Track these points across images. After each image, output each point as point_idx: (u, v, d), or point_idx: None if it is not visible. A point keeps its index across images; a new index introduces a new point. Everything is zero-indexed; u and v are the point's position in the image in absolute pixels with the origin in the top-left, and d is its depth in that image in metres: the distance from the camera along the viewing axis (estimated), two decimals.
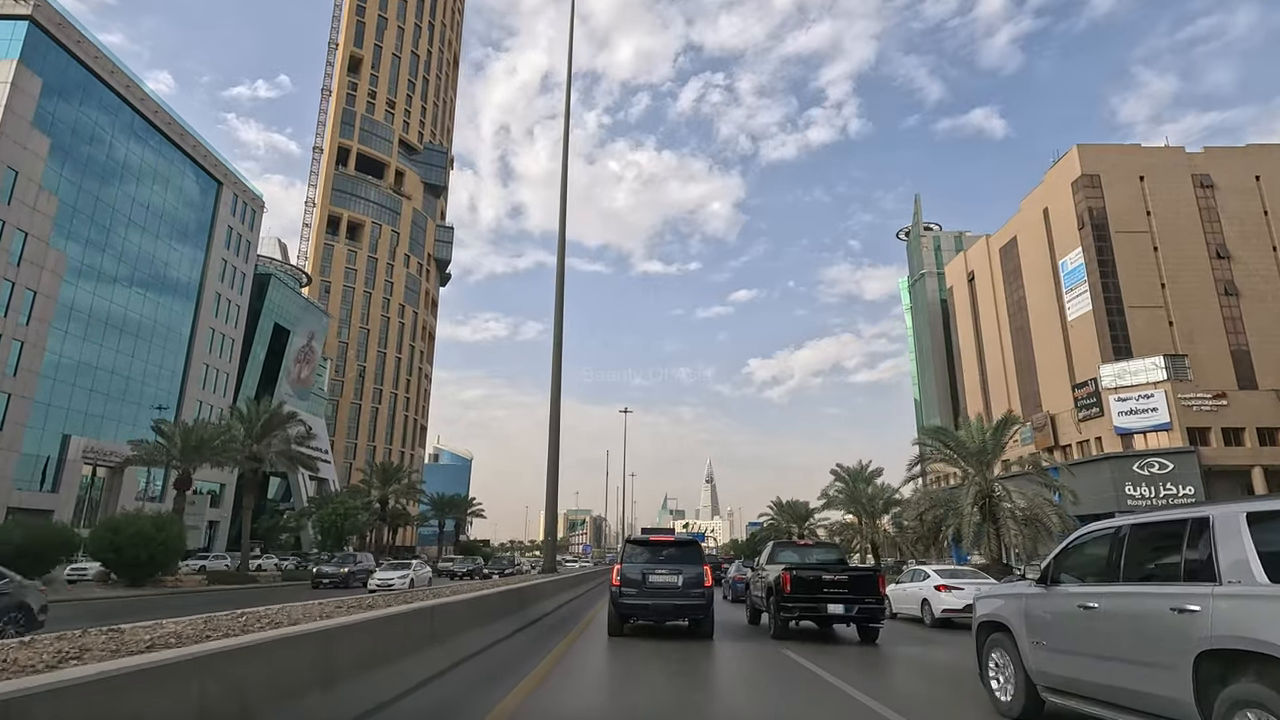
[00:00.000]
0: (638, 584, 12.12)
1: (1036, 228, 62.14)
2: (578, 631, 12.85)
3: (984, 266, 71.37)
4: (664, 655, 10.00)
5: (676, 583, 12.07)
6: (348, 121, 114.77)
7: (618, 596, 12.19)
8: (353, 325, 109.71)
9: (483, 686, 7.03)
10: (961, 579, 16.10)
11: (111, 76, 54.02)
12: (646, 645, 11.21)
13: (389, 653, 5.93)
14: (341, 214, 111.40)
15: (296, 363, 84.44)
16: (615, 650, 10.67)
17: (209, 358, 65.28)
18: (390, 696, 5.67)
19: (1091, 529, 5.61)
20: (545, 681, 7.55)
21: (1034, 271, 62.61)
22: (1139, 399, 48.08)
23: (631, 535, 20.15)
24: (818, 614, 12.24)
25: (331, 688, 4.71)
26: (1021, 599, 6.08)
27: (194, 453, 31.34)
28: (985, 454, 29.08)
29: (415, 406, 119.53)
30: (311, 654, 4.59)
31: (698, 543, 13.56)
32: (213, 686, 3.48)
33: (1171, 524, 4.72)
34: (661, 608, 12.13)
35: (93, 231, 52.50)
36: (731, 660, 10.19)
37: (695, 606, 12.13)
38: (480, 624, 9.32)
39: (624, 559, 12.84)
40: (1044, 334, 60.76)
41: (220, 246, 67.15)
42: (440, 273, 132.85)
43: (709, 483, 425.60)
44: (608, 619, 12.58)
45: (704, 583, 12.12)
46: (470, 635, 8.65)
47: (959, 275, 76.32)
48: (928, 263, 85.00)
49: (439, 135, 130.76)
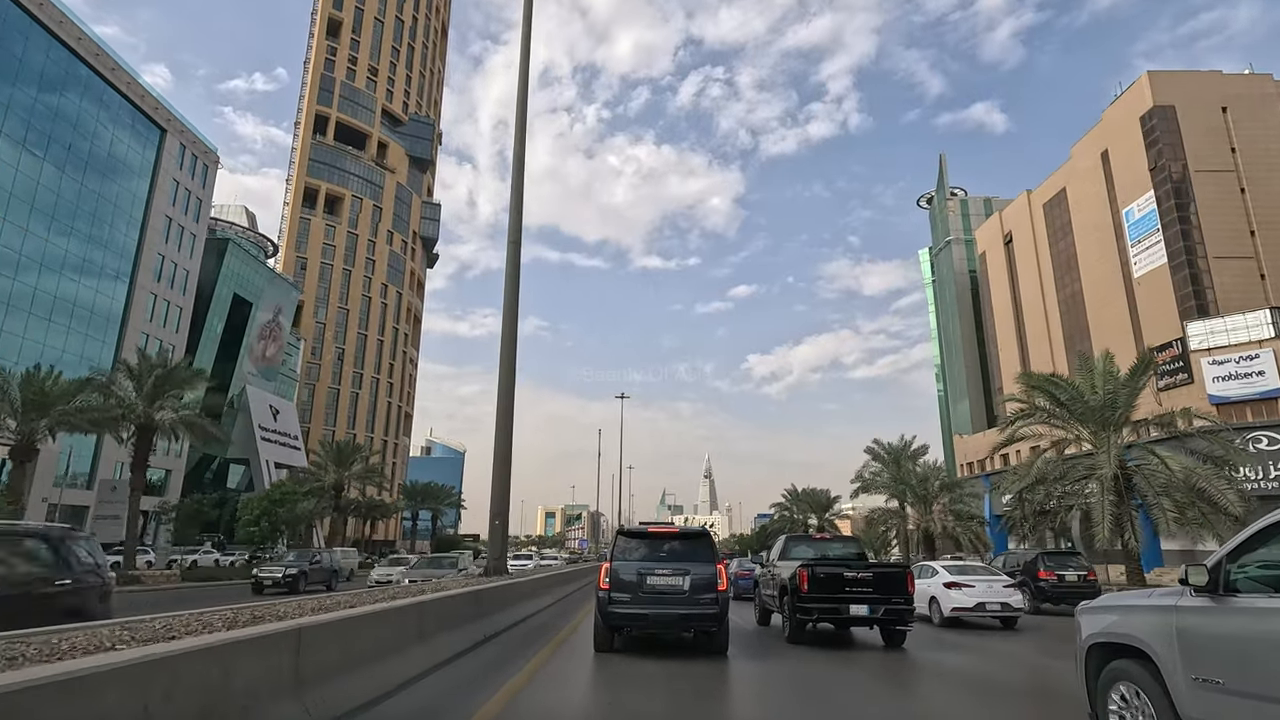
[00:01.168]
0: (632, 587, 9.51)
1: (1092, 176, 53.85)
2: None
3: (1024, 226, 63.08)
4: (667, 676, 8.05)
5: (681, 586, 9.46)
6: (326, 88, 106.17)
7: (606, 604, 9.53)
8: (330, 304, 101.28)
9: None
10: (972, 575, 15.07)
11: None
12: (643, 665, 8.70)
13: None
14: (319, 186, 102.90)
15: (261, 339, 75.97)
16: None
17: (149, 327, 56.83)
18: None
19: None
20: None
21: (1089, 226, 54.31)
22: (1239, 361, 39.83)
23: (625, 526, 14.50)
24: (839, 616, 10.95)
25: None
26: (1172, 613, 3.98)
27: (36, 410, 23.08)
28: (1114, 409, 20.87)
29: (400, 393, 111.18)
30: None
31: (708, 535, 10.62)
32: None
33: None
34: (662, 618, 9.51)
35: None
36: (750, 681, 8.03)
37: (706, 617, 9.45)
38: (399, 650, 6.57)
39: (615, 555, 10.08)
40: (1102, 295, 52.50)
41: (163, 202, 58.69)
42: (427, 253, 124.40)
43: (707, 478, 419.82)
44: (594, 631, 9.95)
45: (717, 586, 9.48)
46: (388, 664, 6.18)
47: (993, 238, 67.95)
48: (954, 229, 76.65)
49: (425, 107, 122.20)
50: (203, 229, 64.00)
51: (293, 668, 4.69)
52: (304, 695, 4.76)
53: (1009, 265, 65.21)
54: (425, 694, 6.36)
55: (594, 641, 9.87)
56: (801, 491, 62.52)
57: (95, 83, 52.72)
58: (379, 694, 5.82)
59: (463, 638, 8.90)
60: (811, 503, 59.20)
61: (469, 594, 10.07)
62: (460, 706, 5.98)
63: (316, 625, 5.14)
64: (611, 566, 9.73)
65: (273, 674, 4.46)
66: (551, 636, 11.34)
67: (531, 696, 6.66)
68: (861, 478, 40.12)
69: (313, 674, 4.95)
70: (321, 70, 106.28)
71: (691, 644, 10.54)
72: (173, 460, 60.08)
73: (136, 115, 56.82)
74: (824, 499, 58.52)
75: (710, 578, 9.52)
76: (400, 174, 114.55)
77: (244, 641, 4.14)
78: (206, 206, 64.99)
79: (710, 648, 9.80)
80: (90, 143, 52.08)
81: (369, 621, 6.13)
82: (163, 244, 58.48)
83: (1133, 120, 49.02)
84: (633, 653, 9.74)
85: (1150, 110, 47.38)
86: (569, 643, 10.70)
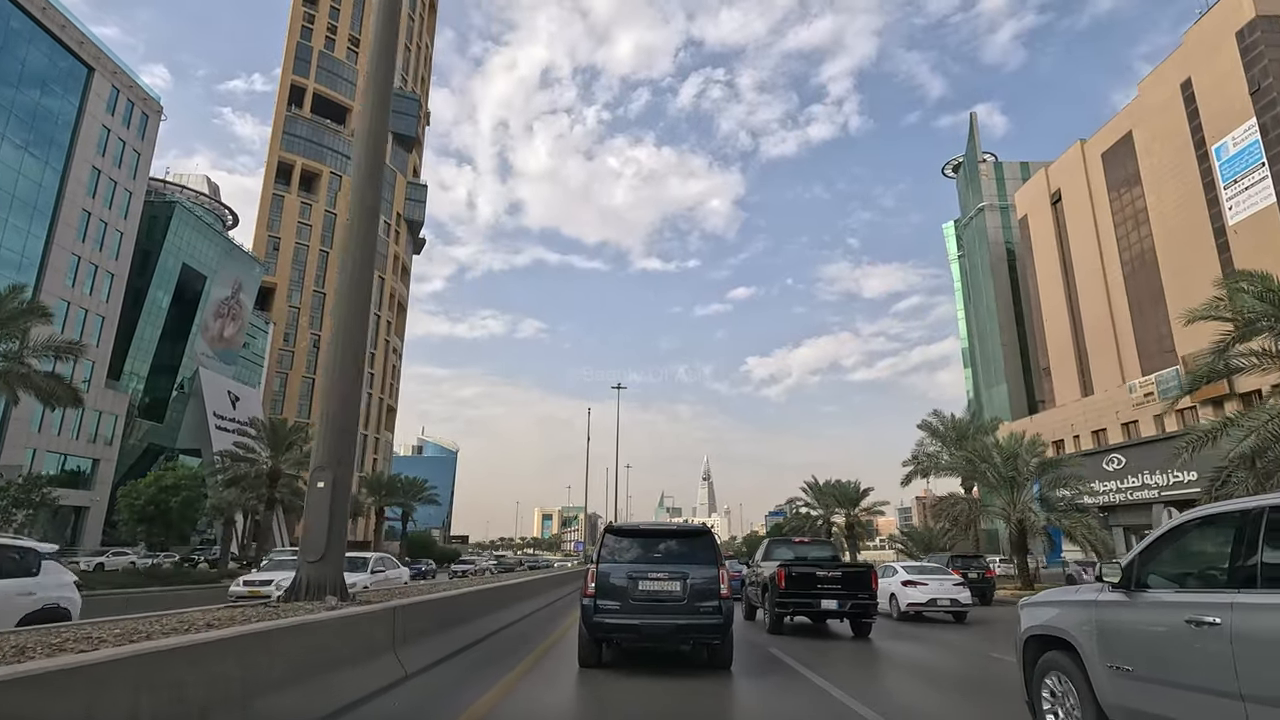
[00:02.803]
0: (622, 594, 8.08)
1: (1167, 111, 45.55)
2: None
3: (1076, 181, 54.76)
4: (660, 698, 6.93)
5: (678, 592, 8.08)
6: (303, 57, 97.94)
7: (592, 613, 8.04)
8: (305, 288, 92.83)
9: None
10: (926, 575, 16.09)
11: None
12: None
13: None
14: (294, 161, 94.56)
15: (217, 317, 67.40)
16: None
17: (70, 293, 48.24)
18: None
19: (1203, 511, 3.93)
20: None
21: (1163, 171, 45.97)
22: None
23: (614, 523, 11.12)
24: (811, 609, 12.25)
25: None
26: (1092, 608, 4.40)
27: None
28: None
29: (382, 385, 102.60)
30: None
31: (710, 534, 9.07)
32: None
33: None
34: (656, 629, 8.00)
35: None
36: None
37: (707, 628, 8.01)
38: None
39: (602, 556, 8.54)
40: (1181, 251, 44.15)
41: (90, 151, 50.17)
42: (413, 237, 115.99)
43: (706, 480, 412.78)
44: (578, 643, 8.47)
45: (719, 592, 8.12)
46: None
47: (1036, 199, 59.60)
48: (987, 194, 68.28)
49: (411, 82, 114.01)
50: (140, 186, 55.48)
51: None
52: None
53: (1057, 227, 56.89)
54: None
55: (579, 656, 8.45)
56: (825, 484, 53.97)
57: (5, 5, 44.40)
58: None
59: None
60: (839, 496, 50.64)
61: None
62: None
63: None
64: (598, 569, 8.30)
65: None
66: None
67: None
68: (917, 460, 31.65)
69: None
70: (298, 38, 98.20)
71: (691, 657, 9.16)
72: (101, 448, 51.51)
73: (57, 49, 48.50)
74: (852, 492, 49.95)
75: (711, 582, 8.14)
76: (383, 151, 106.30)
77: None
78: (146, 161, 56.49)
79: (712, 662, 8.45)
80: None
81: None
82: (87, 199, 49.97)
83: (1225, 38, 40.80)
84: (622, 668, 8.37)
85: (1251, 22, 39.19)
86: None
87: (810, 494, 55.71)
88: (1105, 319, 51.33)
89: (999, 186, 68.26)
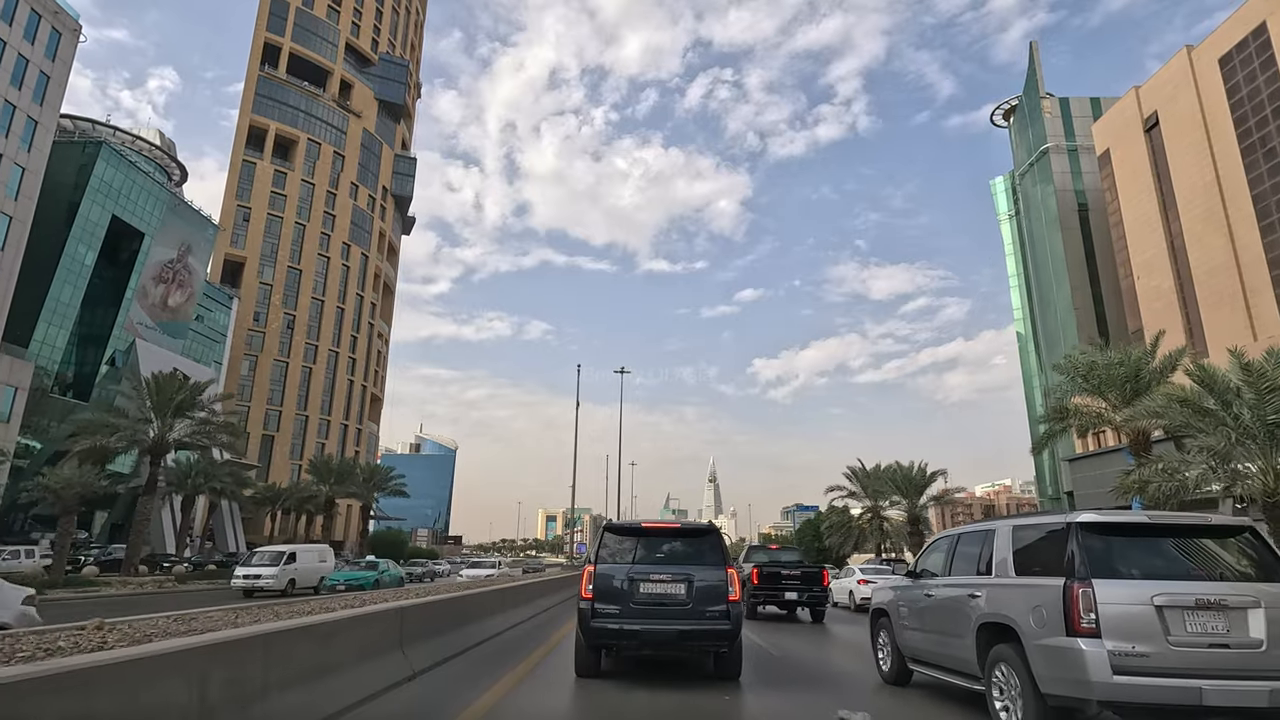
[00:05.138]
0: (621, 597, 7.36)
1: None
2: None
3: (1181, 97, 44.29)
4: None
5: (682, 595, 7.37)
6: (278, 13, 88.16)
7: (589, 617, 7.33)
8: (279, 263, 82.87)
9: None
10: (877, 575, 19.29)
11: None
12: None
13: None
14: (267, 126, 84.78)
15: (160, 282, 57.31)
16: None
17: None
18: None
19: (938, 536, 7.40)
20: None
21: None
22: None
23: (613, 521, 10.03)
24: (778, 599, 15.68)
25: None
26: (897, 590, 7.74)
27: None
28: None
29: (366, 371, 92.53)
30: None
31: (717, 532, 8.23)
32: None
33: (976, 533, 6.38)
34: (658, 635, 7.28)
35: None
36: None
37: (713, 634, 7.30)
38: None
39: (600, 557, 7.73)
40: None
41: None
42: (401, 214, 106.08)
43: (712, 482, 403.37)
44: (575, 650, 7.90)
45: (727, 595, 7.38)
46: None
47: (1122, 129, 49.02)
48: (1052, 134, 57.85)
49: (400, 48, 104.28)
50: (49, 115, 45.46)
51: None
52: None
53: (1153, 160, 46.45)
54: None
55: (575, 664, 7.83)
56: (877, 470, 43.49)
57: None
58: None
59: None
60: (897, 482, 40.09)
61: None
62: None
63: None
64: (595, 571, 7.53)
65: None
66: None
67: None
68: (1062, 415, 21.24)
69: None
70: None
71: (696, 664, 8.66)
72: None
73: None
74: (917, 477, 39.40)
75: (719, 585, 7.42)
76: (368, 120, 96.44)
77: None
78: (58, 86, 46.50)
79: (719, 671, 7.82)
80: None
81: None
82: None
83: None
84: (623, 677, 7.79)
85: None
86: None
87: (855, 481, 45.23)
88: (1228, 267, 40.76)
89: (1065, 126, 57.86)
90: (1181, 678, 4.38)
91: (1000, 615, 5.25)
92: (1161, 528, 5.19)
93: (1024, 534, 5.57)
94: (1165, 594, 4.57)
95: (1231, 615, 4.55)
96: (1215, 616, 4.53)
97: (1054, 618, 4.75)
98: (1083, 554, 4.82)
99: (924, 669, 6.80)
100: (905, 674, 7.36)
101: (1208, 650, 4.46)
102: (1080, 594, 4.62)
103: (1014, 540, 5.60)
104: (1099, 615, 4.56)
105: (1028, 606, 5.02)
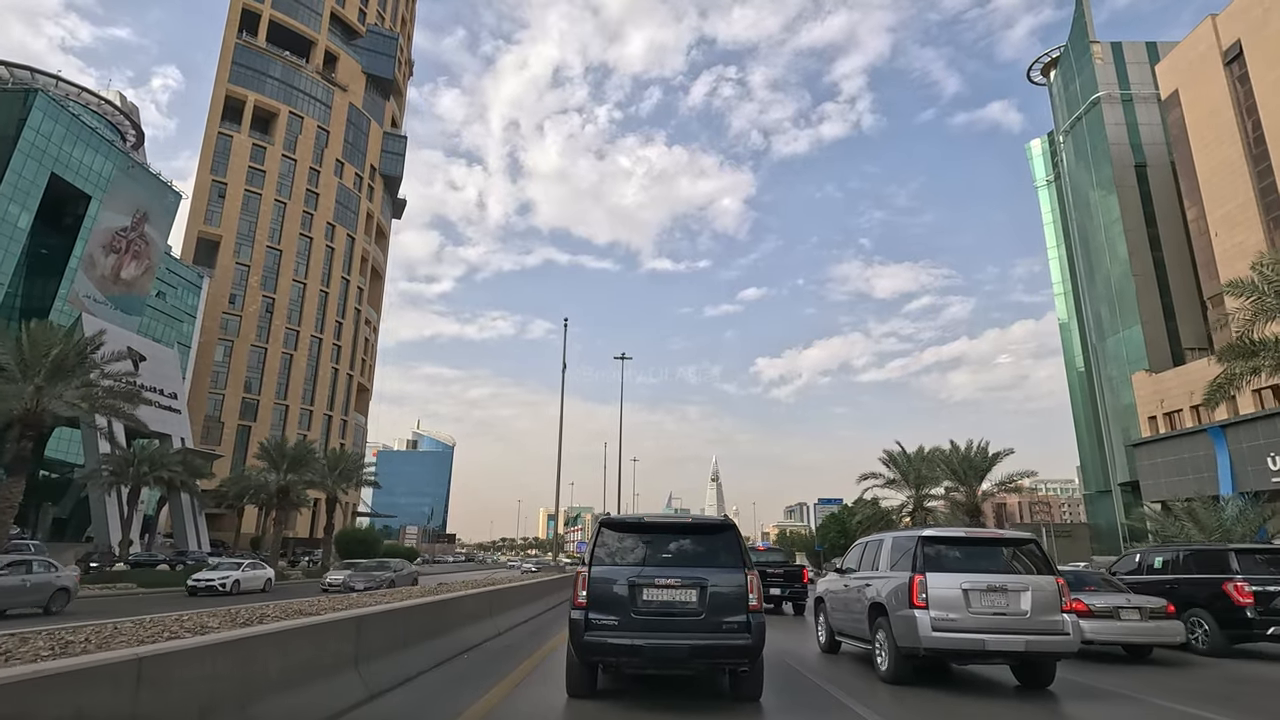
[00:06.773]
0: (621, 605, 5.98)
1: None
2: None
3: (1275, 21, 38.10)
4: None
5: (694, 604, 5.98)
6: None
7: (583, 629, 5.94)
8: (257, 243, 76.64)
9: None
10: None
11: None
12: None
13: None
14: (245, 97, 78.62)
15: (110, 251, 51.00)
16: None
17: None
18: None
19: (860, 541, 9.87)
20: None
21: None
22: None
23: (611, 516, 7.76)
24: (765, 596, 15.21)
25: None
26: (833, 582, 10.12)
27: None
28: None
29: (351, 360, 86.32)
30: None
31: (734, 529, 6.63)
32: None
33: (874, 541, 9.09)
34: (665, 651, 5.84)
35: None
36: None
37: (731, 649, 5.89)
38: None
39: (596, 557, 6.31)
40: None
41: None
42: (391, 196, 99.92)
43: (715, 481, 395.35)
44: (567, 665, 6.38)
45: (747, 603, 6.01)
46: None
47: (1196, 63, 42.61)
48: (1104, 82, 51.52)
49: (390, 21, 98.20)
50: None
51: None
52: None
53: (1234, 96, 40.19)
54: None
55: (567, 683, 6.37)
56: (921, 454, 37.16)
57: None
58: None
59: None
60: (953, 466, 33.70)
61: None
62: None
63: None
64: (590, 574, 6.13)
65: None
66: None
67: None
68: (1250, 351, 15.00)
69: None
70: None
71: (708, 680, 7.22)
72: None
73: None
74: (978, 460, 33.05)
75: (737, 591, 6.00)
76: (355, 94, 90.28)
77: None
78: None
79: (736, 692, 6.38)
80: None
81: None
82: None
83: None
84: (622, 697, 6.53)
85: None
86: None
87: (894, 467, 38.86)
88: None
89: (1119, 73, 51.55)
90: (974, 633, 6.95)
91: (880, 597, 7.87)
92: (974, 540, 7.95)
93: (899, 543, 8.20)
94: (969, 581, 7.17)
95: (1010, 595, 7.13)
96: (999, 596, 7.11)
97: (904, 597, 7.33)
98: (921, 557, 7.47)
99: (846, 639, 9.35)
100: (835, 645, 9.93)
101: (992, 616, 7.04)
102: (918, 582, 7.27)
103: (893, 548, 8.30)
104: (929, 595, 7.16)
105: (892, 591, 7.66)
